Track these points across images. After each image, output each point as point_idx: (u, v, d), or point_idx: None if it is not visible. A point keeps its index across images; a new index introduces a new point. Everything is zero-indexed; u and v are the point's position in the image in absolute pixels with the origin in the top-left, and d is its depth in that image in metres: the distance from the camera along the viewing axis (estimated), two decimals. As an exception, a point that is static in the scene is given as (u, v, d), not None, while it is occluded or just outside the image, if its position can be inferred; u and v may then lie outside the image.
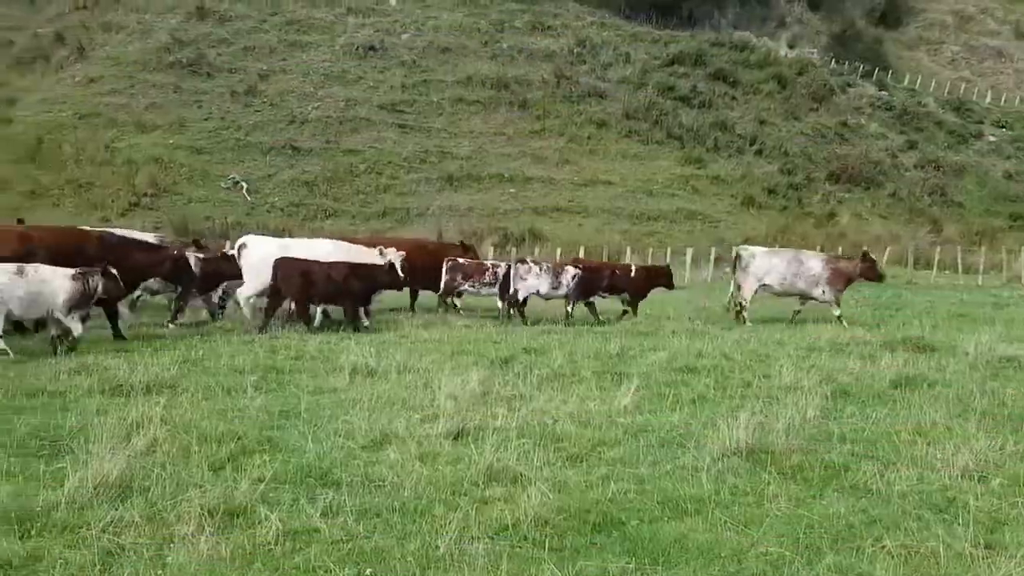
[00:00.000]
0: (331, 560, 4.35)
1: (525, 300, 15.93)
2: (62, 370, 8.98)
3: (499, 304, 16.45)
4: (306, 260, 13.79)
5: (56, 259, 11.08)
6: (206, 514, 4.72)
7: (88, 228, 14.67)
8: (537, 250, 30.49)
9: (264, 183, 37.23)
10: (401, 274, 14.11)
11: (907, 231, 41.20)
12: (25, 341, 11.50)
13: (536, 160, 42.38)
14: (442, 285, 16.67)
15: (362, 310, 14.19)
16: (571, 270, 16.06)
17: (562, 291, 15.85)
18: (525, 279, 15.74)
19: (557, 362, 10.17)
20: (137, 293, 14.24)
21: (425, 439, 6.53)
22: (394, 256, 14.42)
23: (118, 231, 14.63)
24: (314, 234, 25.63)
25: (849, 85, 59.23)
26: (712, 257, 30.76)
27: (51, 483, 5.24)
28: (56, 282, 10.42)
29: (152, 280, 13.72)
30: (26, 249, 11.51)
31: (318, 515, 4.86)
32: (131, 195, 34.28)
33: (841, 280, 15.86)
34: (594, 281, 16.22)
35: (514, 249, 30.38)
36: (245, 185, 36.31)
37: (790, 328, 14.89)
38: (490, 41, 51.39)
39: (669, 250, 32.00)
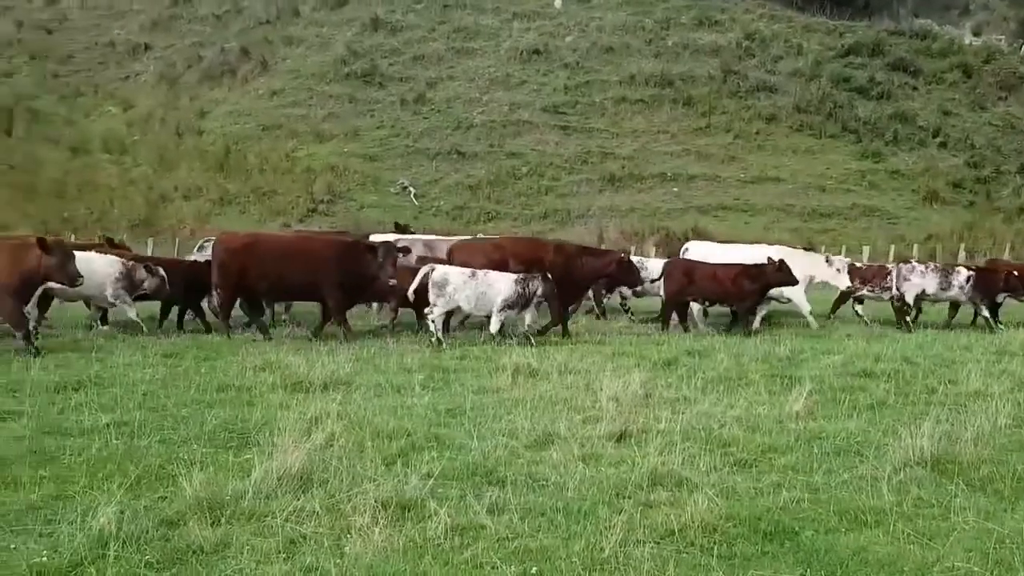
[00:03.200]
0: (497, 557, 4.42)
1: (918, 301, 15.31)
2: (248, 367, 9.54)
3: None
4: (693, 261, 14.46)
5: (522, 266, 12.74)
6: (380, 507, 4.90)
7: (547, 239, 17.18)
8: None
9: (430, 187, 38.29)
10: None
11: (1109, 227, 37.65)
12: (215, 337, 12.31)
13: (701, 158, 41.51)
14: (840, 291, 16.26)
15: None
16: (963, 271, 15.17)
17: (952, 292, 15.04)
18: (909, 279, 15.17)
19: (723, 365, 9.93)
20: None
21: (587, 440, 6.53)
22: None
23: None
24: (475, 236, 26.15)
25: (1042, 72, 54.69)
26: (891, 256, 29.18)
27: (239, 473, 5.59)
28: (500, 285, 11.98)
29: None
30: (500, 258, 13.29)
31: (484, 512, 4.95)
32: (309, 201, 36.03)
33: None
34: (994, 282, 15.06)
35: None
36: (413, 190, 37.45)
37: (978, 332, 13.95)
38: (655, 39, 50.75)
39: (844, 248, 30.63)
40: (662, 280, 14.26)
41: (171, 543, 4.56)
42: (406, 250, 13.36)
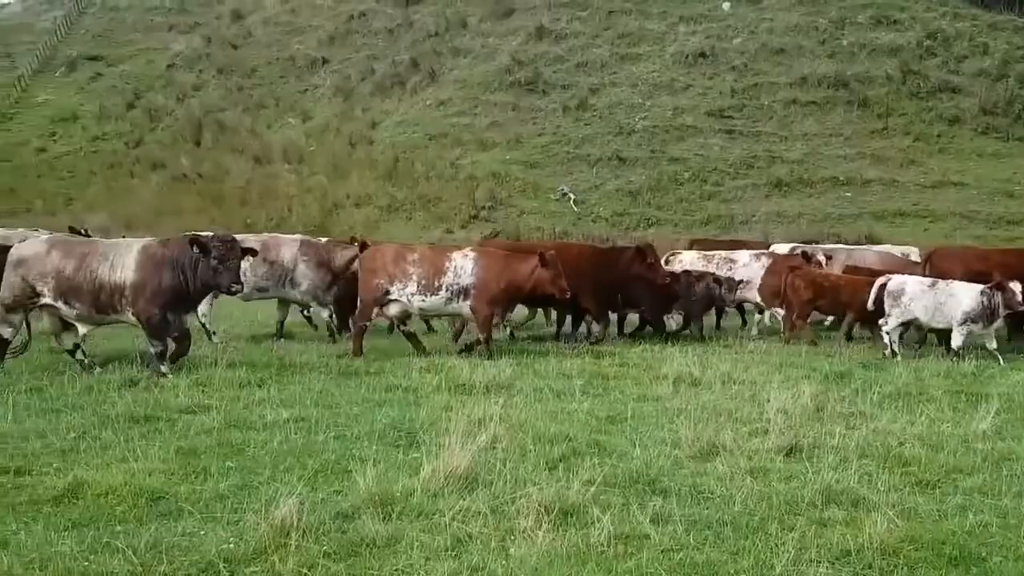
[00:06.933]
0: (662, 568, 4.36)
1: None
2: (415, 368, 9.84)
3: None
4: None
5: (1013, 277, 11.77)
6: (543, 511, 4.92)
7: None
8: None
9: (590, 193, 38.30)
10: None
11: None
12: (382, 341, 12.73)
13: (876, 161, 39.58)
14: None
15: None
16: None
17: None
18: None
19: (901, 379, 9.42)
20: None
21: (755, 453, 6.34)
22: None
23: None
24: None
25: None
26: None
27: (408, 471, 5.77)
28: (962, 296, 11.16)
29: None
30: (983, 268, 12.66)
31: (648, 521, 4.90)
32: (471, 208, 36.84)
33: None
34: None
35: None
36: (572, 196, 37.59)
37: None
38: (828, 39, 48.81)
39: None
40: None
41: (346, 535, 4.75)
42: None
